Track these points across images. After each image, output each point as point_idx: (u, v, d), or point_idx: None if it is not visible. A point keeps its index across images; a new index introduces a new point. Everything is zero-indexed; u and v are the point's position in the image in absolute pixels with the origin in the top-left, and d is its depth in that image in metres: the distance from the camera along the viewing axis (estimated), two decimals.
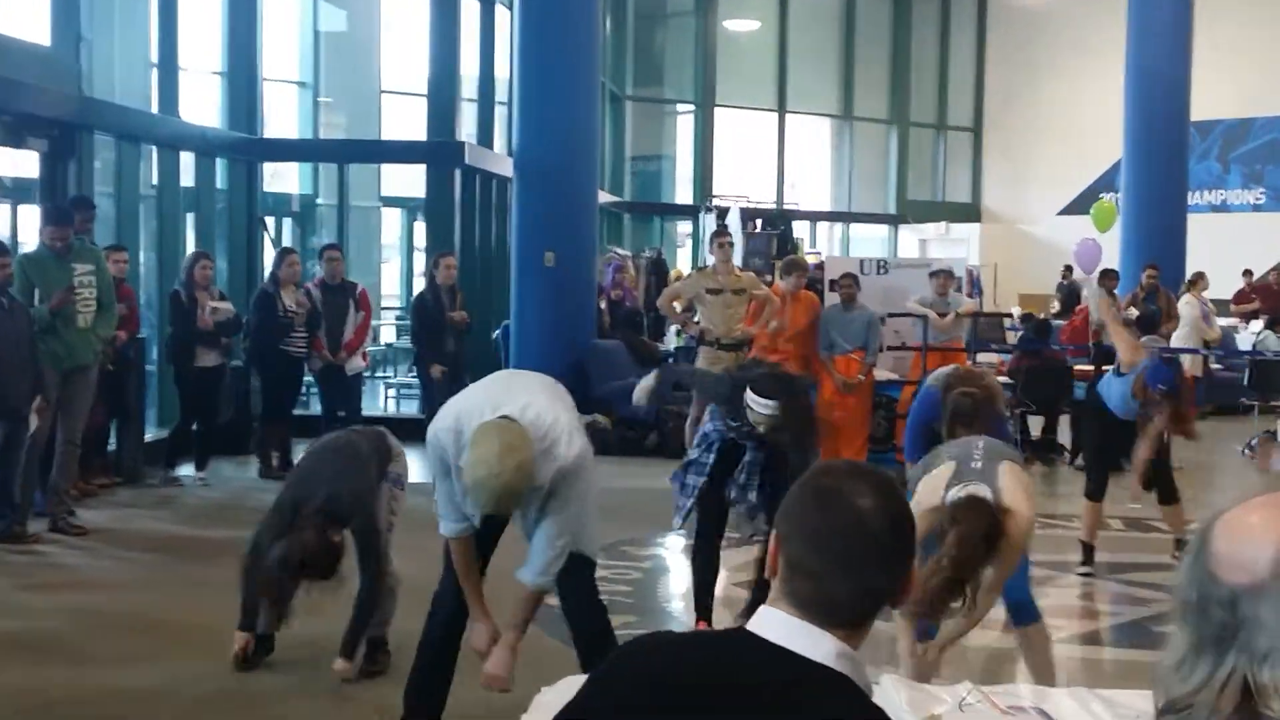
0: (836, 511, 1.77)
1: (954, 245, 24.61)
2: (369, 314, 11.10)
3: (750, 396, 5.73)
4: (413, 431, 5.82)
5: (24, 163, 10.42)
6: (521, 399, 4.25)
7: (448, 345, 10.71)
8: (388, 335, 17.91)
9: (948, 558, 4.12)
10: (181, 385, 10.19)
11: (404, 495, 5.65)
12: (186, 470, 10.22)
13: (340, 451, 5.55)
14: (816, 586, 1.76)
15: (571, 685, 1.92)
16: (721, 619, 6.17)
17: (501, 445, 3.97)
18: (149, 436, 10.61)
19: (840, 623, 1.75)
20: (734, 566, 7.19)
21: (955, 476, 4.46)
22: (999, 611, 5.02)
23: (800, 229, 22.02)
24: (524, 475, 4.01)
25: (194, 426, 10.19)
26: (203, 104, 13.15)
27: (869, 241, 25.69)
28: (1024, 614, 4.96)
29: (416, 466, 5.85)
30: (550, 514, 4.26)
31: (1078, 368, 12.48)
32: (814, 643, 1.74)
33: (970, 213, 26.45)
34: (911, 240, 25.72)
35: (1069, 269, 20.84)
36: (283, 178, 15.79)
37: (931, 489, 4.49)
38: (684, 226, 23.64)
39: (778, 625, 1.76)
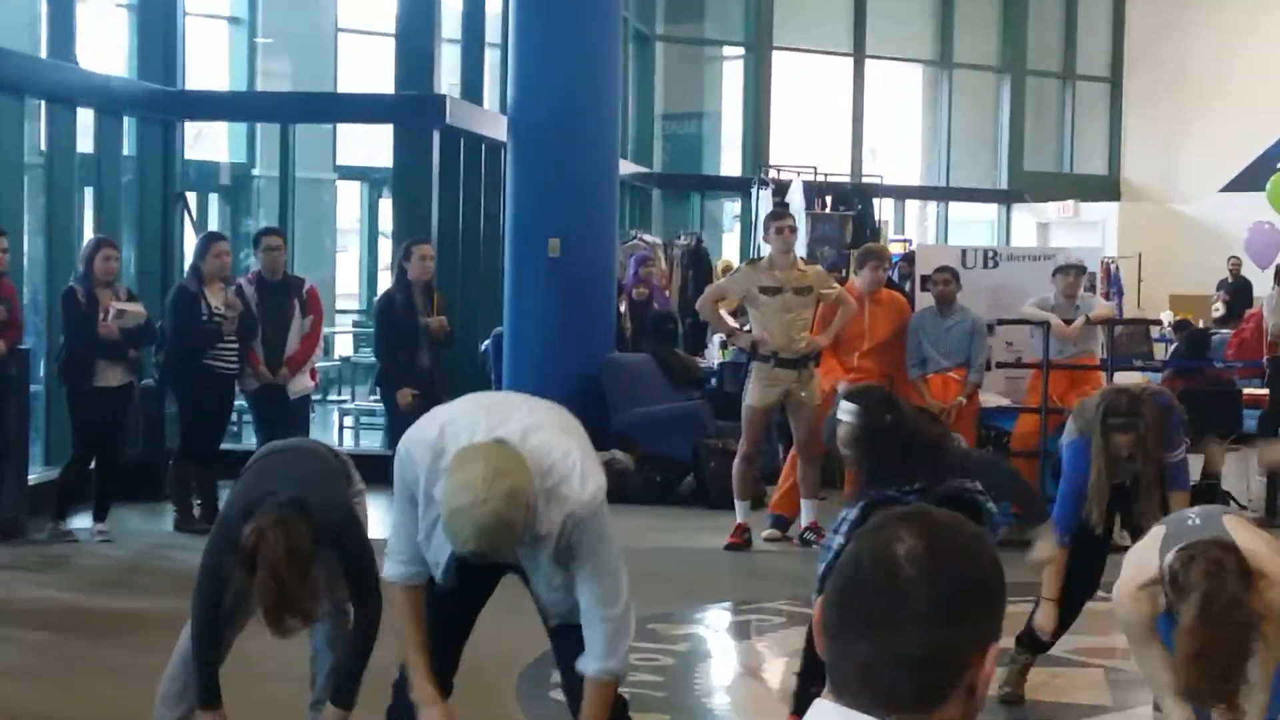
0: (866, 558, 1.78)
1: (1085, 230, 24.54)
2: (319, 319, 11.14)
3: (841, 404, 5.76)
4: (375, 471, 5.82)
5: None
6: (522, 422, 4.29)
7: (421, 360, 10.73)
8: (344, 346, 18.00)
9: (1197, 607, 4.16)
10: (77, 411, 10.22)
11: None
12: (82, 522, 10.25)
13: (302, 452, 5.50)
14: (840, 653, 1.77)
15: None
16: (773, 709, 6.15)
17: (489, 469, 3.99)
18: (34, 478, 10.65)
19: (892, 706, 1.75)
20: None
21: (1168, 541, 4.51)
22: None
23: (883, 209, 22.03)
24: (517, 506, 4.01)
25: (92, 464, 10.24)
26: (106, 47, 13.23)
27: (973, 225, 25.65)
28: None
29: (377, 520, 5.84)
30: (583, 580, 4.30)
31: (1248, 391, 12.40)
32: None
33: (1107, 188, 26.38)
34: (1029, 224, 25.66)
35: (1237, 262, 20.75)
36: (209, 142, 15.89)
37: (1140, 561, 4.53)
38: (731, 205, 23.67)
39: None
